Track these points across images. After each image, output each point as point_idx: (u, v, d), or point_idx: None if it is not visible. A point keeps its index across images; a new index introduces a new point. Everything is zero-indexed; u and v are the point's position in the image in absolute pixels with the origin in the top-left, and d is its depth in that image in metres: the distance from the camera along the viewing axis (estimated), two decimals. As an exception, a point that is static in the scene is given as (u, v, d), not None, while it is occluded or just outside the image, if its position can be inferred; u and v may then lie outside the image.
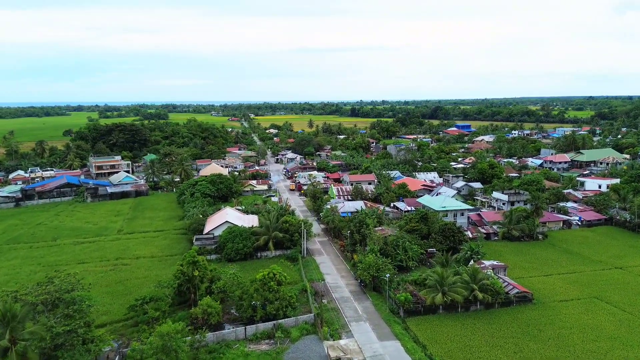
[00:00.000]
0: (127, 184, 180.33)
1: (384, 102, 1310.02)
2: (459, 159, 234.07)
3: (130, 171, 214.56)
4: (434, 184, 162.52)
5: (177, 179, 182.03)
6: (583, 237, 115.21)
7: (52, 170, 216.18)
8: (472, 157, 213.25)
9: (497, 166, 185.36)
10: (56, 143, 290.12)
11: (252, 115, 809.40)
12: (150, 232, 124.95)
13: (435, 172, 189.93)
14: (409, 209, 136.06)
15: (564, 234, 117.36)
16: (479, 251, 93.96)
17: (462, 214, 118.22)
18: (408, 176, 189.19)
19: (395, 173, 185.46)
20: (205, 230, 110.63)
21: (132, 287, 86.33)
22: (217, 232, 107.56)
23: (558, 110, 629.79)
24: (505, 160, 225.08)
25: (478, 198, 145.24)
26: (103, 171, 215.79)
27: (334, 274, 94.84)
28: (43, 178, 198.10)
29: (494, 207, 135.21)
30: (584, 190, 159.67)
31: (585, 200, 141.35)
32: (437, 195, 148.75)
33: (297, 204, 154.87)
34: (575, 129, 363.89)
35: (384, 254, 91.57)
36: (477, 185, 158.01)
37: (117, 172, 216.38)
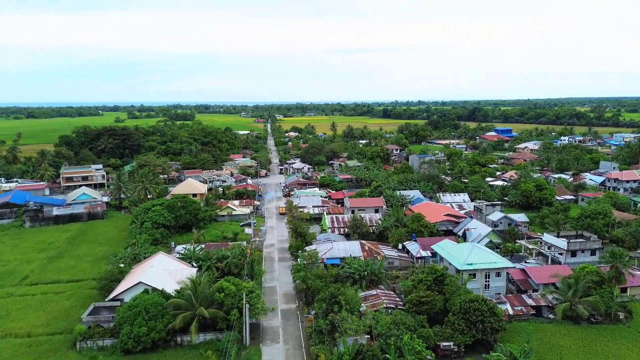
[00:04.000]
0: (84, 202, 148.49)
1: (420, 102, 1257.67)
2: (497, 173, 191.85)
3: (105, 184, 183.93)
4: (463, 215, 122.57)
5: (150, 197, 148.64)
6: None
7: (17, 181, 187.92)
8: (515, 173, 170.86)
9: (546, 187, 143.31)
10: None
11: (280, 116, 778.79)
12: (62, 284, 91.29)
13: (466, 194, 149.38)
14: (423, 254, 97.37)
15: (659, 309, 76.19)
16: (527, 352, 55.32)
17: (499, 274, 78.70)
18: (430, 197, 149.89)
19: (413, 194, 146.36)
20: (114, 293, 75.66)
21: None
22: (129, 297, 72.61)
23: (611, 112, 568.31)
24: (556, 176, 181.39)
25: (522, 242, 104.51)
26: (74, 183, 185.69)
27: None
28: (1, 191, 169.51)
29: (545, 257, 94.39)
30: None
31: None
32: (464, 231, 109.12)
33: (281, 237, 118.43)
34: (638, 134, 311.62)
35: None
36: (520, 217, 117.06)
37: (89, 185, 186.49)
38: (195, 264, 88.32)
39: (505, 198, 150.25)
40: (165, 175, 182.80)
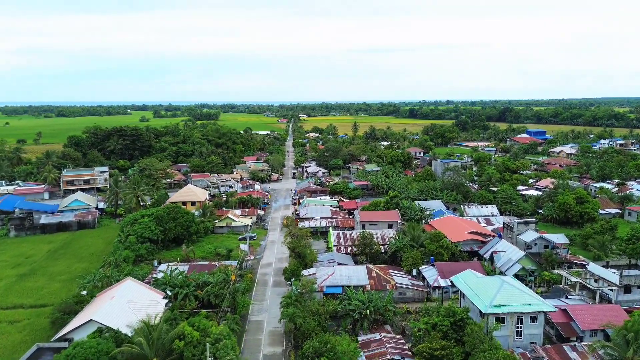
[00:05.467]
0: (77, 209, 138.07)
1: (448, 102, 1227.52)
2: (530, 181, 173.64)
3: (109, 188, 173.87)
4: (490, 233, 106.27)
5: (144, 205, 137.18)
6: None
7: (18, 184, 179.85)
8: (551, 182, 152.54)
9: (588, 200, 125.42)
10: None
11: (304, 116, 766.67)
12: (22, 310, 79.64)
13: (495, 206, 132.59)
14: (442, 283, 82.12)
15: None
16: None
17: (535, 319, 62.90)
18: (454, 210, 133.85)
19: (434, 206, 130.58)
20: (63, 332, 63.11)
21: None
22: (80, 337, 60.11)
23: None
24: (597, 185, 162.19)
25: (562, 272, 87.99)
26: (75, 187, 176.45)
27: None
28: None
29: (592, 292, 77.69)
30: None
31: None
32: (491, 254, 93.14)
33: (281, 255, 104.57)
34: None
35: None
36: (559, 238, 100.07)
37: (92, 189, 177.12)
38: (170, 292, 75.40)
39: (540, 211, 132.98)
40: (168, 180, 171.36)
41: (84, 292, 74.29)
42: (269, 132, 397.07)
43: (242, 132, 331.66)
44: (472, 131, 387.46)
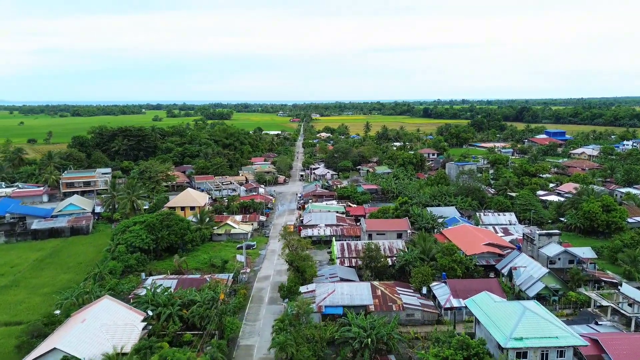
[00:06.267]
0: (71, 213, 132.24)
1: (463, 101, 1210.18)
2: (551, 185, 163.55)
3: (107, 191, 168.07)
4: (508, 245, 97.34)
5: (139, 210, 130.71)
6: None
7: (18, 186, 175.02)
8: (574, 188, 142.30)
9: (615, 208, 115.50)
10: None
11: (316, 116, 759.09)
12: (-7, 328, 73.39)
13: (513, 213, 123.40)
14: (455, 304, 73.71)
15: None
16: None
17: (562, 354, 54.28)
18: (469, 217, 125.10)
19: (448, 213, 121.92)
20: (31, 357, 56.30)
21: None
22: (44, 367, 53.24)
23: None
24: (623, 190, 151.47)
25: (591, 295, 78.85)
26: (75, 189, 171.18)
27: None
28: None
29: (627, 319, 68.47)
30: None
31: None
32: (510, 269, 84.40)
33: (281, 266, 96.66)
34: None
35: None
36: (586, 252, 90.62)
37: (92, 191, 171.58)
38: (152, 311, 68.22)
39: (562, 219, 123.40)
40: (170, 183, 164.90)
41: (57, 312, 67.44)
42: (279, 132, 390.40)
43: (250, 132, 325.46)
44: (488, 131, 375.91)
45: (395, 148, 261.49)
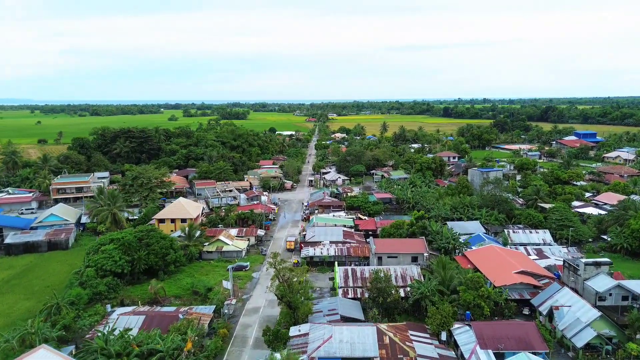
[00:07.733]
0: (51, 225, 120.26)
1: (485, 100, 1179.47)
2: (587, 195, 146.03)
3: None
4: (547, 274, 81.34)
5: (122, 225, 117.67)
6: None
7: (8, 191, 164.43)
8: (618, 200, 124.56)
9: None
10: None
11: (333, 115, 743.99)
12: None
13: (547, 231, 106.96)
14: (482, 357, 58.45)
15: None
16: None
17: None
18: (495, 234, 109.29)
19: (472, 228, 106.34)
20: None
21: None
22: None
23: None
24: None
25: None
26: (66, 195, 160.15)
27: None
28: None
29: None
30: None
31: None
32: (550, 308, 68.58)
33: (273, 297, 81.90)
34: None
35: None
36: (643, 287, 74.12)
37: (85, 197, 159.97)
38: (102, 365, 54.72)
39: (604, 237, 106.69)
40: (166, 189, 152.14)
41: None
42: (292, 133, 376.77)
43: (260, 133, 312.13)
44: (512, 132, 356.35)
45: (412, 150, 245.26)
